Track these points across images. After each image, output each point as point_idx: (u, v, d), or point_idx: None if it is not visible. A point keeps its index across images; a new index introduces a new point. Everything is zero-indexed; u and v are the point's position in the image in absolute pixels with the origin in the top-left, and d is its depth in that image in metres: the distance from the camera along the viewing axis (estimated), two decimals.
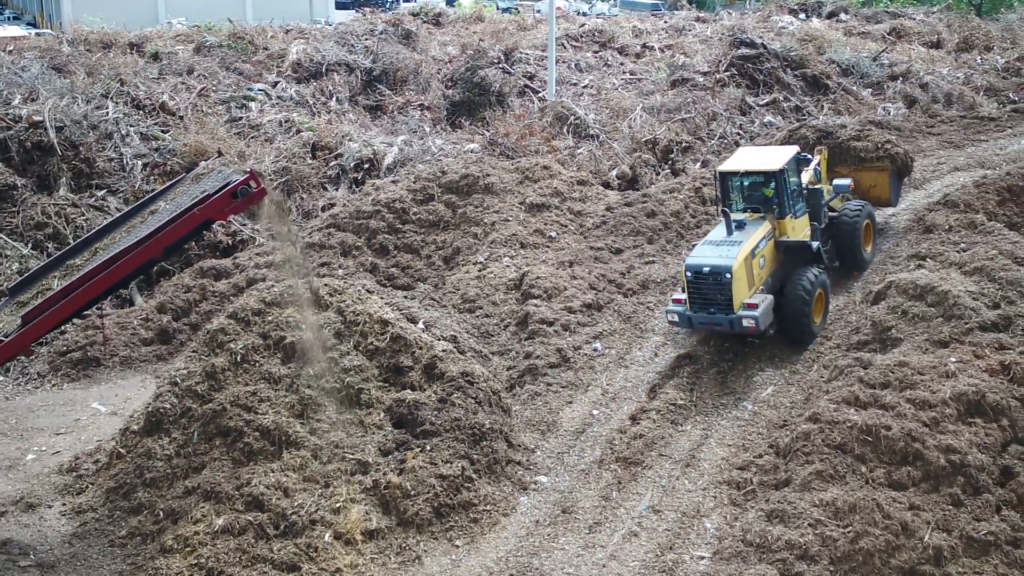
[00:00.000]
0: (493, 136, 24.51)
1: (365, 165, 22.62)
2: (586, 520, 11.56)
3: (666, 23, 41.87)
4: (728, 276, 14.05)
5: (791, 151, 15.90)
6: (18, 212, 19.11)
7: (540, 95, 28.53)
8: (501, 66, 29.71)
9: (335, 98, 27.14)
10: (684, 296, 14.64)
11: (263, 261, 17.96)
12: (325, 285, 13.85)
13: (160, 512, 11.27)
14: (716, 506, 11.60)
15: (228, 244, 19.76)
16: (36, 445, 13.70)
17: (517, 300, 16.49)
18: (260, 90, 26.70)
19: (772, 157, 15.74)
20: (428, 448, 11.96)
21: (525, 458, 12.75)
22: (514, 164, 21.34)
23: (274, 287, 13.70)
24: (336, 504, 11.15)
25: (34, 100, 21.88)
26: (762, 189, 15.35)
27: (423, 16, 39.44)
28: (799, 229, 15.60)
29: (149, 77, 25.82)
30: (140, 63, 27.53)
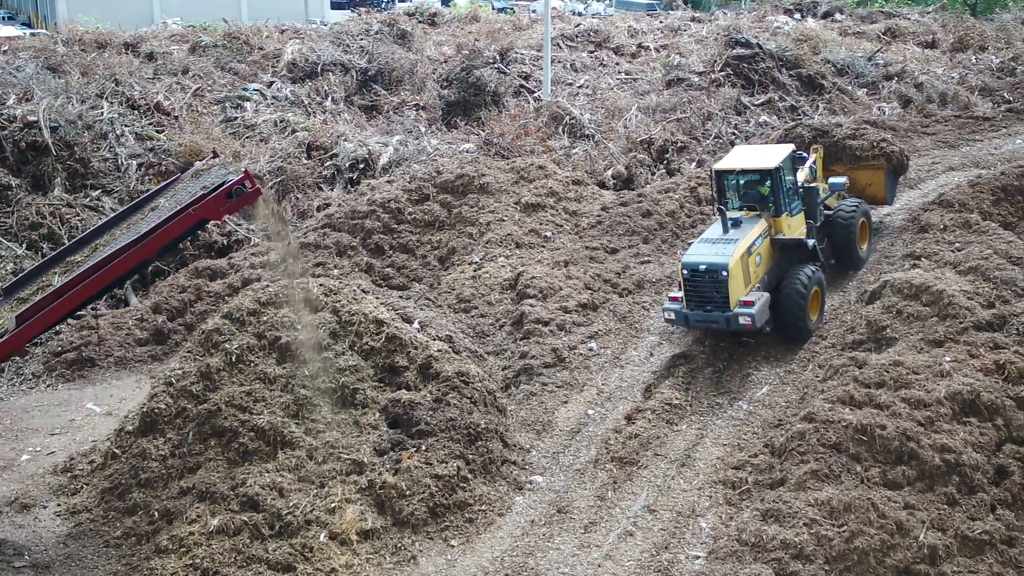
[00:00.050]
0: (488, 136, 24.51)
1: (360, 165, 22.62)
2: (581, 520, 11.54)
3: (661, 23, 41.95)
4: (724, 274, 14.07)
5: (787, 149, 15.92)
6: (12, 212, 19.07)
7: (535, 95, 28.54)
8: (496, 66, 29.73)
9: (330, 98, 27.12)
10: (681, 294, 14.65)
11: (258, 261, 17.95)
12: (320, 285, 13.85)
13: (155, 512, 11.25)
14: (711, 506, 11.59)
15: (223, 244, 19.77)
16: (31, 445, 13.66)
17: (512, 300, 16.48)
18: (255, 90, 26.70)
19: (768, 155, 15.77)
20: (423, 448, 11.95)
21: (520, 458, 12.73)
22: (509, 164, 21.33)
23: (269, 287, 13.69)
24: (331, 504, 11.13)
25: (29, 100, 21.84)
26: (758, 187, 15.39)
27: (418, 16, 39.51)
28: (795, 227, 15.62)
29: (144, 77, 25.80)
30: (135, 63, 27.53)
